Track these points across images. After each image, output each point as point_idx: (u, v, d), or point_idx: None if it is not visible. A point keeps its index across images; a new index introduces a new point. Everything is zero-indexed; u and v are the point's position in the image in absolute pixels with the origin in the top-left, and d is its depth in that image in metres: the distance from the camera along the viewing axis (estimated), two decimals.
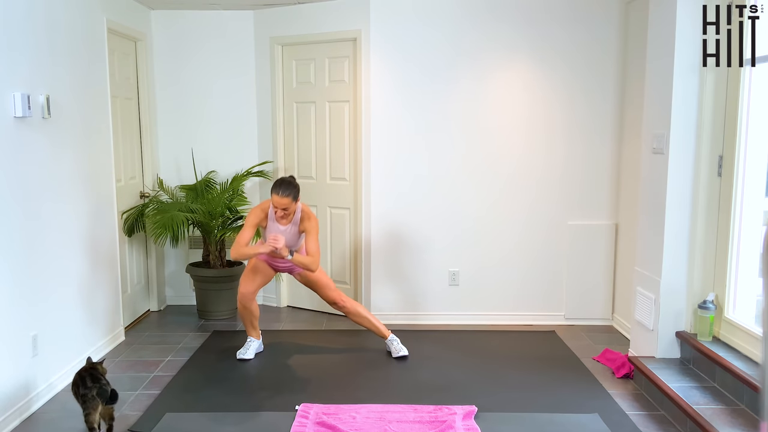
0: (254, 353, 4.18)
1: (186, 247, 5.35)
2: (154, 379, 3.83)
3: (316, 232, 3.96)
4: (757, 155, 3.41)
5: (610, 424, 3.24)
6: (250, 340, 4.20)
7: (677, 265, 3.67)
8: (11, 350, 3.24)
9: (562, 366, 4.04)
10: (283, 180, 3.91)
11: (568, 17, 4.64)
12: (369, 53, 4.70)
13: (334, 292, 4.14)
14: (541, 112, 4.75)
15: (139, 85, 4.98)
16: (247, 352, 4.15)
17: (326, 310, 5.12)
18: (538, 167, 4.80)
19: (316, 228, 3.97)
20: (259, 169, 5.12)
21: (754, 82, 3.37)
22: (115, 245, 4.44)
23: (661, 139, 3.67)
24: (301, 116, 5.11)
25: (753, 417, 2.98)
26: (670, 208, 3.64)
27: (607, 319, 4.90)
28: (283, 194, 3.82)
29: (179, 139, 5.24)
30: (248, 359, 4.13)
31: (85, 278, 4.01)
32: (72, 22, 3.87)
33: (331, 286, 4.15)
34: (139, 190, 5.04)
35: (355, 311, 4.17)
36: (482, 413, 3.33)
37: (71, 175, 3.83)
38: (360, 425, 3.17)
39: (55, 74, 3.65)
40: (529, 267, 4.89)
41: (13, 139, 3.25)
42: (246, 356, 4.13)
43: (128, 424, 3.22)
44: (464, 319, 4.92)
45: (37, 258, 3.45)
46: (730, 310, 3.52)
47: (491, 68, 4.71)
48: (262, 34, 5.12)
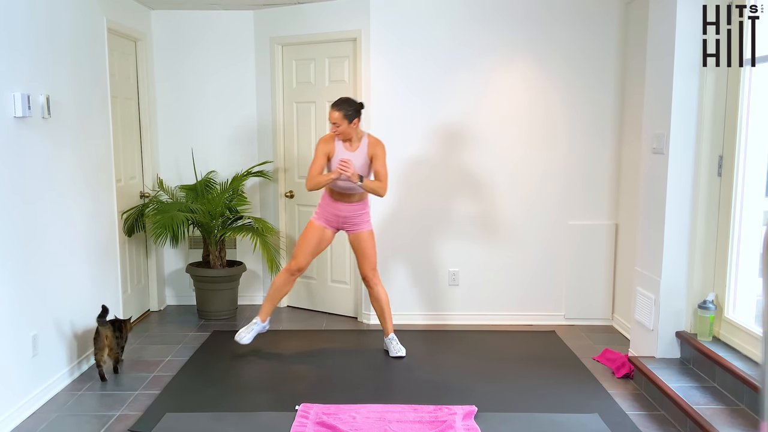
0: (253, 338, 4.14)
1: (186, 247, 5.35)
2: (154, 379, 3.83)
3: (384, 157, 4.00)
4: (757, 155, 3.41)
5: (610, 424, 3.24)
6: (256, 322, 4.16)
7: (677, 265, 3.67)
8: (11, 350, 3.24)
9: (562, 366, 4.04)
10: (343, 97, 3.96)
11: (568, 17, 4.64)
12: (369, 53, 4.70)
13: (372, 271, 4.15)
14: (541, 112, 4.75)
15: (139, 85, 4.98)
16: (248, 335, 4.11)
17: (326, 309, 5.13)
18: (538, 167, 4.80)
19: (384, 153, 4.01)
20: (259, 169, 5.12)
21: (754, 82, 3.37)
22: (115, 245, 4.44)
23: (661, 139, 3.67)
24: (301, 116, 5.11)
25: (753, 417, 2.98)
26: (670, 208, 3.64)
27: (607, 319, 4.90)
28: (335, 107, 3.87)
29: (179, 139, 5.25)
30: (245, 344, 4.11)
31: (86, 278, 4.01)
32: (72, 22, 3.87)
33: (372, 263, 4.15)
34: (139, 190, 5.04)
35: (378, 296, 4.19)
36: (482, 413, 3.33)
37: (71, 175, 3.83)
38: (360, 425, 3.17)
39: (55, 74, 3.65)
40: (529, 267, 4.89)
41: (13, 139, 3.25)
42: (244, 341, 4.10)
43: (128, 424, 3.22)
44: (464, 319, 4.92)
45: (37, 258, 3.45)
46: (730, 310, 3.52)
47: (491, 68, 4.71)
48: (262, 34, 5.12)
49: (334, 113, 3.86)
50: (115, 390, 3.66)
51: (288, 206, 5.27)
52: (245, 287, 5.35)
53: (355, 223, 4.10)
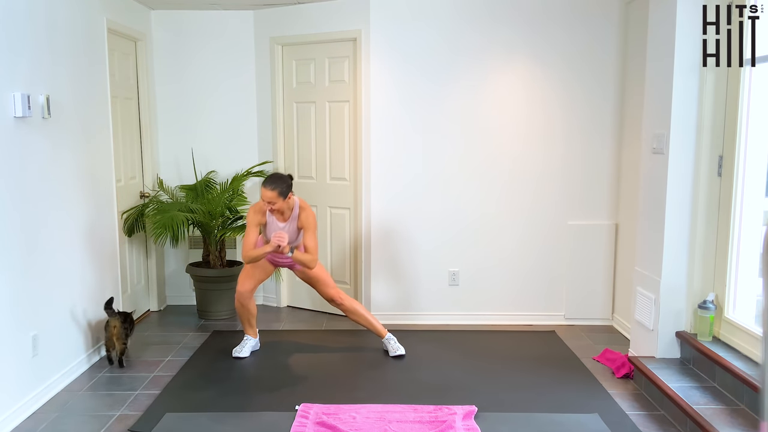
0: (250, 351, 4.20)
1: (186, 247, 5.35)
2: (154, 379, 3.83)
3: (314, 228, 3.97)
4: (757, 155, 3.40)
5: (610, 424, 3.24)
6: (246, 338, 4.22)
7: (677, 265, 3.67)
8: (11, 350, 3.24)
9: (562, 366, 4.04)
10: (275, 174, 3.93)
11: (567, 17, 4.64)
12: (369, 53, 4.70)
13: (333, 290, 4.15)
14: (540, 112, 4.75)
15: (139, 85, 4.98)
16: (243, 350, 4.17)
17: (326, 309, 5.12)
18: (538, 167, 4.80)
19: (314, 224, 3.98)
20: (259, 169, 5.12)
21: (754, 82, 3.37)
22: (115, 245, 4.44)
23: (661, 139, 3.67)
24: (301, 116, 5.11)
25: (753, 417, 2.98)
26: (670, 208, 3.64)
27: (607, 319, 4.90)
28: (269, 187, 3.83)
29: (179, 139, 5.25)
30: (243, 357, 4.14)
31: (85, 278, 4.01)
32: (72, 22, 3.87)
33: (330, 284, 4.16)
34: (139, 190, 5.04)
35: (353, 309, 4.18)
36: (482, 413, 3.33)
37: (71, 175, 3.83)
38: (360, 425, 3.17)
39: (55, 74, 3.65)
40: (529, 267, 4.89)
41: (13, 139, 3.25)
42: (241, 354, 4.15)
43: (128, 424, 3.22)
44: (464, 319, 4.92)
45: (37, 258, 3.45)
46: (730, 310, 3.52)
47: (491, 68, 4.71)
48: (262, 34, 5.12)
49: (268, 193, 3.81)
50: (115, 390, 3.66)
51: None
52: None
53: (297, 266, 4.11)
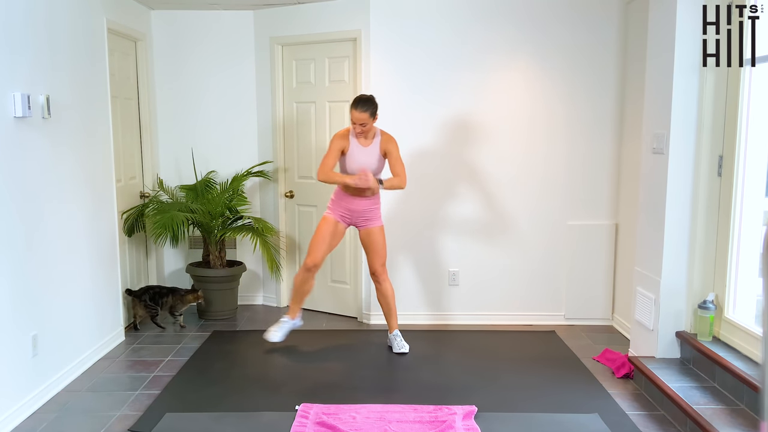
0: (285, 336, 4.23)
1: (186, 247, 5.35)
2: (154, 379, 3.83)
3: (398, 151, 4.10)
4: (757, 155, 3.40)
5: (610, 424, 3.24)
6: (285, 320, 4.24)
7: (677, 265, 3.67)
8: (11, 350, 3.24)
9: (562, 366, 4.04)
10: (362, 96, 4.00)
11: (568, 17, 4.64)
12: (369, 53, 4.70)
13: (381, 266, 4.21)
14: (541, 112, 4.75)
15: (139, 85, 4.98)
16: (279, 333, 4.20)
17: (326, 309, 5.12)
18: (538, 167, 4.80)
19: (398, 148, 4.10)
20: (259, 169, 5.12)
21: (754, 82, 3.37)
22: (115, 245, 4.44)
23: (661, 138, 3.67)
24: (301, 116, 5.11)
25: (753, 417, 2.98)
26: (670, 208, 3.64)
27: (607, 319, 4.90)
28: (361, 109, 3.91)
29: (179, 139, 5.25)
30: (275, 342, 4.20)
31: (86, 278, 4.01)
32: (72, 22, 3.87)
33: (382, 259, 4.21)
34: (139, 190, 5.04)
35: (386, 292, 4.25)
36: (482, 413, 3.33)
37: (71, 175, 3.83)
38: (360, 425, 3.17)
39: (55, 74, 3.65)
40: (529, 267, 4.89)
41: (13, 139, 3.25)
42: (275, 339, 4.19)
43: (128, 424, 3.22)
44: (464, 319, 4.92)
45: (36, 258, 3.45)
46: (730, 310, 3.52)
47: (491, 68, 4.71)
48: (262, 34, 5.12)
49: (360, 114, 3.90)
50: (115, 390, 3.66)
51: (288, 206, 5.27)
52: (245, 287, 5.35)
53: (367, 218, 4.15)
